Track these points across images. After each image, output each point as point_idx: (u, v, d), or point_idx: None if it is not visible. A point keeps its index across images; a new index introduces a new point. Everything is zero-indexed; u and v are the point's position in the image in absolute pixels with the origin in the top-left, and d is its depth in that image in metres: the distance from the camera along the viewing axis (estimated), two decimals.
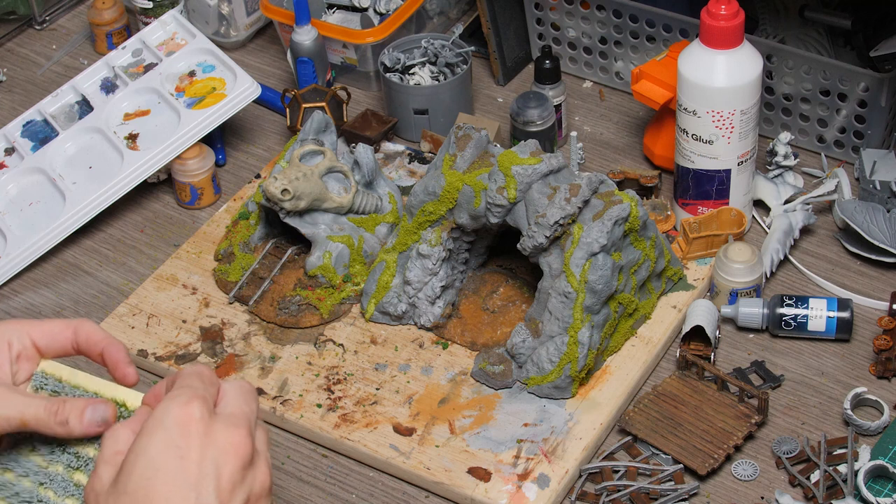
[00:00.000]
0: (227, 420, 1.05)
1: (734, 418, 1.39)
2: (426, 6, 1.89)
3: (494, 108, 1.84)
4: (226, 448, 1.04)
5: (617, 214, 1.39)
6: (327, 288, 1.54)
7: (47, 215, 1.67)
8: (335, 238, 1.55)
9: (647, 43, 1.77)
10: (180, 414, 1.03)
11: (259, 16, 1.98)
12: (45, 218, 1.67)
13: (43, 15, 2.06)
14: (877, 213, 1.56)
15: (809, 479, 1.35)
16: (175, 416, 1.03)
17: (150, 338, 1.53)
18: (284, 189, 1.51)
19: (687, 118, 1.52)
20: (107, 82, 1.82)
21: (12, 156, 1.76)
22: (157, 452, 1.02)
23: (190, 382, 1.06)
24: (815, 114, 1.68)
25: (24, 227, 1.67)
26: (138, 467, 1.02)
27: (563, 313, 1.39)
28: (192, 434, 1.03)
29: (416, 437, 1.40)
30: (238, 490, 1.05)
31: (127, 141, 1.72)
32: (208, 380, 1.07)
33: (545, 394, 1.41)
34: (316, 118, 1.59)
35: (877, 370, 1.44)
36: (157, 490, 1.02)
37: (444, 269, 1.50)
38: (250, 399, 1.07)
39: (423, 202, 1.48)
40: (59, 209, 1.67)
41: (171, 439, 1.02)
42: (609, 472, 1.36)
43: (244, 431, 1.05)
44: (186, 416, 1.03)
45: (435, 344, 1.50)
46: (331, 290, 1.54)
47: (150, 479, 1.02)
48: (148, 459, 1.02)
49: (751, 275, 1.49)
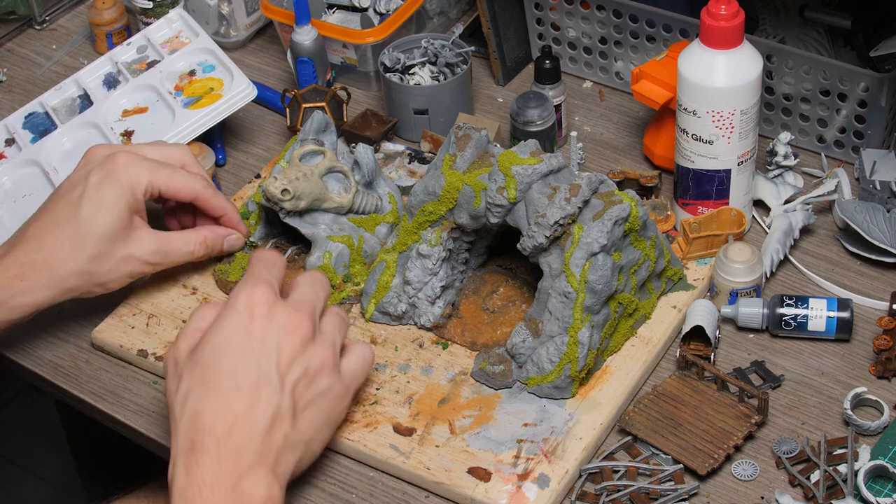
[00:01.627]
0: (291, 304, 1.26)
1: (734, 418, 1.39)
2: (426, 6, 1.89)
3: (494, 108, 1.84)
4: (286, 328, 1.24)
5: (617, 214, 1.39)
6: None
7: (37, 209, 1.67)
8: (335, 238, 1.54)
9: (647, 43, 1.77)
10: (248, 299, 1.24)
11: (259, 16, 1.98)
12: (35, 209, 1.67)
13: (43, 15, 2.06)
14: (877, 213, 1.56)
15: (809, 479, 1.35)
16: (243, 300, 1.24)
17: (150, 338, 1.53)
18: (284, 189, 1.51)
19: (687, 118, 1.52)
20: (109, 77, 1.82)
21: (12, 147, 1.76)
22: (229, 330, 1.23)
23: (258, 269, 1.28)
24: (815, 114, 1.68)
25: (17, 219, 1.66)
26: (212, 342, 1.23)
27: (563, 313, 1.39)
28: (256, 316, 1.23)
29: (416, 437, 1.40)
30: (296, 364, 1.24)
31: (122, 138, 1.72)
32: (272, 264, 1.28)
33: (545, 394, 1.41)
34: (316, 118, 1.59)
35: (877, 370, 1.44)
36: (225, 362, 1.21)
37: (444, 269, 1.50)
38: (318, 287, 1.31)
39: (423, 202, 1.48)
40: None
41: (240, 320, 1.23)
42: (609, 472, 1.36)
43: (305, 315, 1.26)
44: (252, 300, 1.23)
45: (435, 344, 1.50)
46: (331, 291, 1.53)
47: (221, 352, 1.22)
48: (221, 336, 1.23)
49: (751, 275, 1.49)
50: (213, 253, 1.54)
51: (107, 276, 1.46)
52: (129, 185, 1.45)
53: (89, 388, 1.51)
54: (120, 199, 1.44)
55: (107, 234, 1.44)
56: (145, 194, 1.46)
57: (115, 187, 1.44)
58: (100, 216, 1.44)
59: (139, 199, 1.46)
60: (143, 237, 1.47)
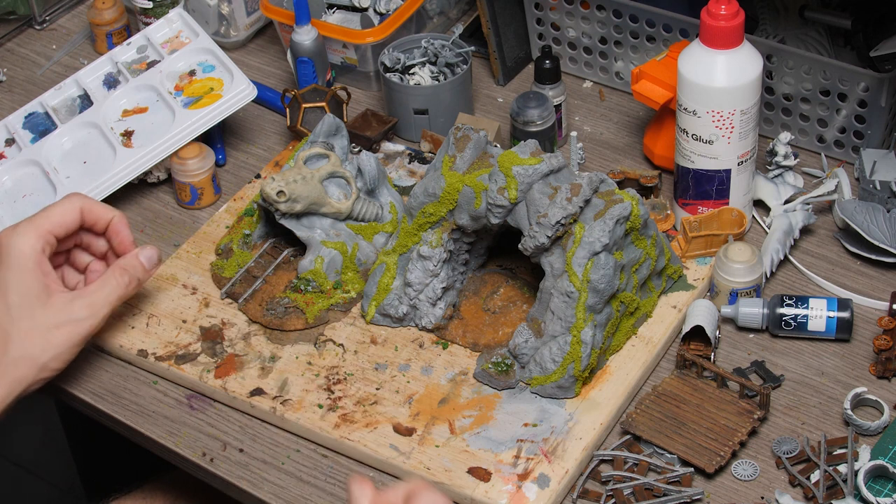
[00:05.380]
0: None
1: (737, 415, 1.39)
2: (426, 6, 1.89)
3: (494, 108, 1.84)
4: None
5: (618, 213, 1.39)
6: (317, 293, 1.54)
7: (38, 208, 1.67)
8: (329, 244, 1.54)
9: (647, 43, 1.77)
10: None
11: (259, 16, 1.98)
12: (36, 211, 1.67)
13: (43, 15, 2.06)
14: (877, 213, 1.56)
15: (809, 479, 1.35)
16: None
17: (150, 338, 1.53)
18: (280, 191, 1.51)
19: (687, 118, 1.52)
20: (110, 77, 1.82)
21: (12, 147, 1.76)
22: None
23: None
24: (815, 114, 1.68)
25: (17, 219, 1.66)
26: None
27: (565, 313, 1.40)
28: None
29: (416, 437, 1.40)
30: None
31: (122, 138, 1.72)
32: None
33: (548, 393, 1.42)
34: (327, 121, 1.59)
35: (877, 370, 1.44)
36: None
37: (444, 270, 1.50)
38: None
39: (423, 204, 1.48)
40: (51, 202, 1.67)
41: None
42: (620, 462, 1.36)
43: None
44: None
45: (435, 344, 1.50)
46: (320, 296, 1.53)
47: None
48: None
49: (751, 275, 1.49)
50: (141, 274, 1.47)
51: (44, 354, 1.40)
52: (21, 256, 1.39)
53: (89, 388, 1.51)
54: (21, 274, 1.39)
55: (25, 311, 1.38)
56: (44, 252, 1.41)
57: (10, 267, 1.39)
58: (10, 299, 1.38)
59: (40, 263, 1.41)
60: (62, 299, 1.41)
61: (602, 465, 1.38)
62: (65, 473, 2.56)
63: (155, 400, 1.49)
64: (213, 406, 1.48)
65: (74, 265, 1.53)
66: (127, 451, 1.71)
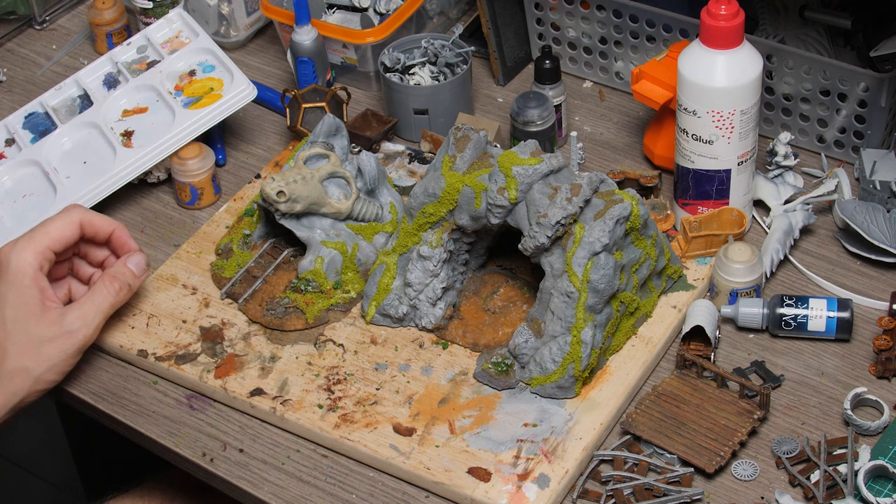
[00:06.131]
0: None
1: (736, 414, 1.39)
2: (426, 6, 1.89)
3: (494, 108, 1.84)
4: None
5: (618, 213, 1.39)
6: (317, 293, 1.54)
7: (38, 208, 1.67)
8: (329, 244, 1.54)
9: (647, 43, 1.77)
10: None
11: (259, 16, 1.98)
12: (36, 211, 1.67)
13: (43, 15, 2.06)
14: (877, 213, 1.56)
15: (809, 479, 1.35)
16: None
17: (150, 338, 1.53)
18: (280, 191, 1.51)
19: (687, 118, 1.52)
20: (110, 77, 1.82)
21: (12, 147, 1.76)
22: None
23: None
24: (815, 114, 1.68)
25: (16, 220, 1.67)
26: None
27: (565, 313, 1.40)
28: None
29: (416, 437, 1.40)
30: None
31: (122, 138, 1.72)
32: None
33: (548, 393, 1.42)
34: (327, 121, 1.59)
35: (877, 370, 1.44)
36: None
37: (444, 270, 1.50)
38: None
39: (423, 204, 1.48)
40: (51, 203, 1.67)
41: None
42: (620, 462, 1.36)
43: None
44: None
45: (435, 344, 1.50)
46: (320, 296, 1.53)
47: None
48: None
49: (751, 275, 1.49)
50: (131, 280, 1.50)
51: (38, 367, 1.42)
52: (19, 273, 1.42)
53: (89, 388, 1.51)
54: (18, 290, 1.42)
55: (20, 325, 1.41)
56: (41, 268, 1.44)
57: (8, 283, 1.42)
58: (6, 314, 1.41)
59: (37, 279, 1.43)
60: (55, 313, 1.43)
61: (602, 465, 1.38)
62: (64, 473, 2.56)
63: (155, 400, 1.49)
64: (213, 406, 1.48)
65: (79, 277, 1.55)
66: (127, 451, 1.71)
